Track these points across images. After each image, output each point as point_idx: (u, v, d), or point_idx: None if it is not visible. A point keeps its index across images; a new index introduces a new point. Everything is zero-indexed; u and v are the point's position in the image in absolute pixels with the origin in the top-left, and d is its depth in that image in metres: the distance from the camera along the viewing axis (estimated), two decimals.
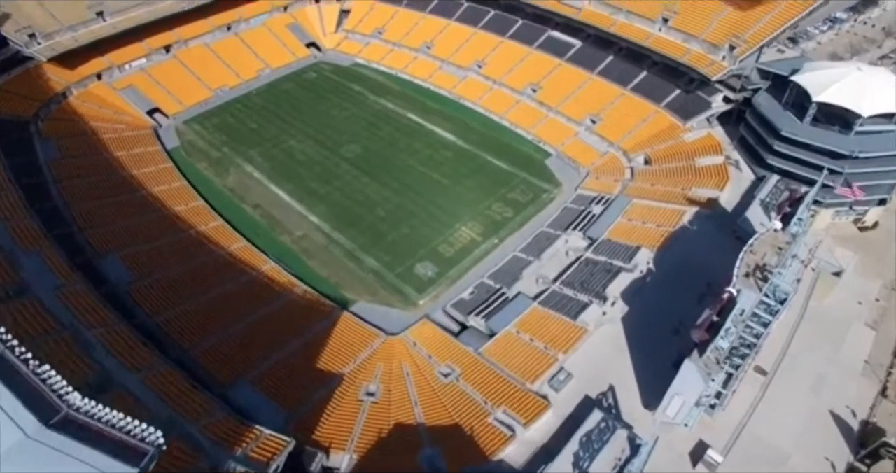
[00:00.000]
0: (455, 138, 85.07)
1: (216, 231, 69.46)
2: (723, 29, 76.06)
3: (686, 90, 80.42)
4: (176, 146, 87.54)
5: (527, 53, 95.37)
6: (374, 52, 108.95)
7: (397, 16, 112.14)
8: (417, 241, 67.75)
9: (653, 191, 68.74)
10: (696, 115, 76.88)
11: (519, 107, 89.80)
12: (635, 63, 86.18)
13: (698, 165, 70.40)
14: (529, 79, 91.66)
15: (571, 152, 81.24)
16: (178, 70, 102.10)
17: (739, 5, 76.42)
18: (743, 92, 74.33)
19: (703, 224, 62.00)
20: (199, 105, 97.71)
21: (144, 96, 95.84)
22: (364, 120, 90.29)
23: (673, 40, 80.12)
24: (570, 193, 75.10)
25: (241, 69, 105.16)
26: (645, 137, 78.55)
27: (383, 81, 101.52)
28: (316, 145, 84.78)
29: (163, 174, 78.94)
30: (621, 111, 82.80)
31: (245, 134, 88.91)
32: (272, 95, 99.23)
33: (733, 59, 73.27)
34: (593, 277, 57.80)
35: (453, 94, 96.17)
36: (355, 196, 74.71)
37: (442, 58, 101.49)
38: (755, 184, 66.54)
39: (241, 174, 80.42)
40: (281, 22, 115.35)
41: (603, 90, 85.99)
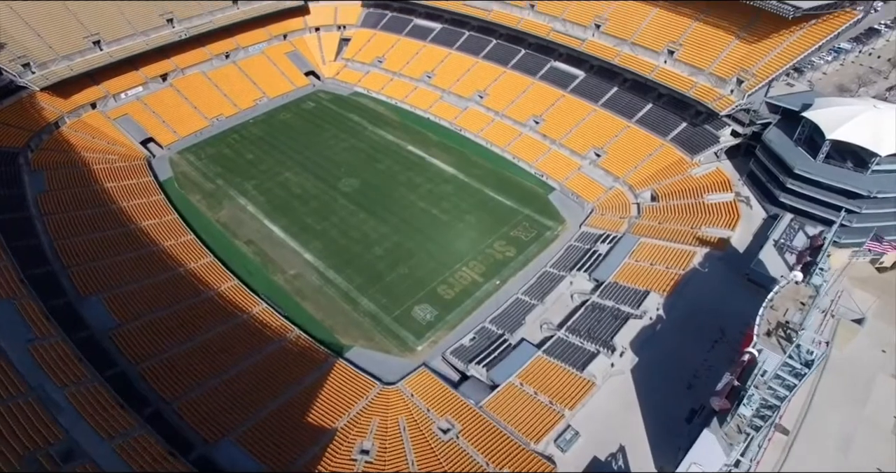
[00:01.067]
0: (456, 171, 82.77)
1: (207, 268, 66.76)
2: (730, 62, 74.16)
3: (693, 123, 78.33)
4: (169, 177, 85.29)
5: (529, 84, 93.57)
6: (374, 81, 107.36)
7: (398, 45, 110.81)
8: (416, 282, 64.96)
9: (661, 229, 66.15)
10: (704, 150, 74.63)
11: (521, 140, 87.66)
12: (640, 95, 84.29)
13: (707, 202, 67.89)
14: (532, 111, 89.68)
15: (575, 187, 78.84)
16: (175, 99, 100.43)
17: (746, 39, 74.58)
18: (751, 126, 72.23)
19: (714, 266, 59.32)
20: (195, 135, 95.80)
21: (139, 126, 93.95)
22: (363, 152, 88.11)
23: (679, 73, 78.23)
24: (574, 230, 72.55)
25: (238, 98, 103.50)
26: (651, 172, 76.21)
27: (383, 111, 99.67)
28: (313, 178, 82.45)
29: (154, 207, 76.49)
30: (626, 144, 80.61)
31: (240, 165, 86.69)
32: (269, 125, 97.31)
33: (742, 94, 71.24)
34: (600, 324, 54.89)
35: (454, 126, 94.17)
36: (352, 233, 72.12)
37: (443, 88, 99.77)
38: (768, 223, 63.98)
39: (234, 208, 77.97)
40: (280, 50, 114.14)
41: (607, 122, 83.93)
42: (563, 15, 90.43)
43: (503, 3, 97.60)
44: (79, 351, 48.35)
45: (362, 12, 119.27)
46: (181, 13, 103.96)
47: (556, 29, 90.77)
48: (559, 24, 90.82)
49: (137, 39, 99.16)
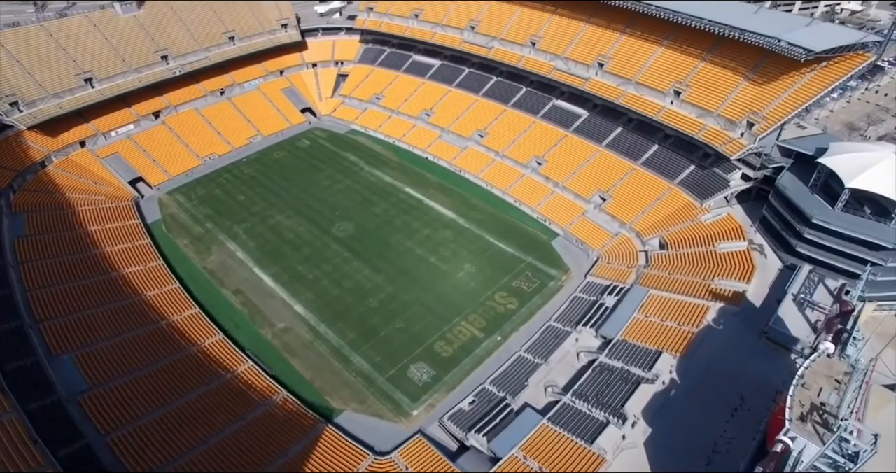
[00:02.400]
0: (455, 216, 79.47)
1: (191, 321, 62.96)
2: (739, 104, 71.39)
3: (701, 166, 75.37)
4: (157, 219, 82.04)
5: (531, 123, 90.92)
6: (372, 118, 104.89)
7: (397, 81, 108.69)
8: (412, 338, 61.09)
9: (671, 281, 62.52)
10: (714, 194, 71.44)
11: (523, 182, 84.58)
12: (646, 135, 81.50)
13: (720, 251, 64.42)
14: (534, 151, 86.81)
15: (580, 233, 75.45)
16: (167, 137, 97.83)
17: (755, 80, 71.96)
18: (763, 170, 69.25)
19: (730, 323, 55.54)
20: (186, 174, 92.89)
21: (128, 165, 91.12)
22: (358, 194, 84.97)
23: (686, 115, 75.49)
24: (579, 280, 68.96)
25: (231, 136, 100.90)
26: (659, 217, 72.94)
27: (380, 151, 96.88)
28: (306, 222, 79.12)
29: (139, 252, 73.00)
30: (632, 188, 77.48)
31: (231, 207, 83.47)
32: (263, 164, 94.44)
33: (752, 137, 68.37)
34: (610, 388, 50.90)
35: (453, 166, 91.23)
36: (345, 282, 68.46)
37: (442, 126, 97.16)
38: (785, 275, 60.35)
39: (223, 253, 74.48)
40: (276, 86, 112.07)
41: (612, 164, 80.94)
42: (564, 53, 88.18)
43: (504, 41, 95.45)
44: (40, 421, 44.15)
45: (360, 48, 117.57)
46: (176, 50, 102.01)
47: (559, 67, 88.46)
48: (561, 63, 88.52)
49: (130, 76, 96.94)
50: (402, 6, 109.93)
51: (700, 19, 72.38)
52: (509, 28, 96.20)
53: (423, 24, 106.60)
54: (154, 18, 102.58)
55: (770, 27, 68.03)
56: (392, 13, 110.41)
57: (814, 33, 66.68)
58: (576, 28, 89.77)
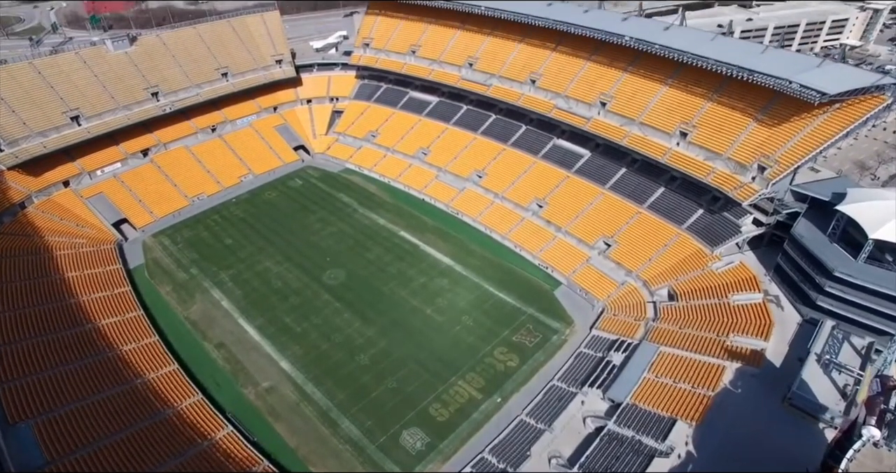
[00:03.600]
0: (452, 262, 75.66)
1: (169, 379, 58.58)
2: (749, 147, 68.20)
3: (710, 210, 71.93)
4: (140, 264, 78.24)
5: (531, 163, 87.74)
6: (367, 157, 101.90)
7: (393, 118, 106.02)
8: (405, 400, 56.69)
9: (683, 336, 58.46)
10: (725, 241, 67.88)
11: (523, 226, 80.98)
12: (651, 177, 78.20)
13: (733, 303, 60.54)
14: (534, 193, 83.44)
15: (584, 282, 71.56)
16: (155, 176, 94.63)
17: (764, 121, 68.88)
18: (776, 215, 65.83)
19: (748, 386, 51.42)
20: (173, 215, 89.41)
21: (113, 205, 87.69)
22: (351, 238, 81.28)
23: (694, 157, 72.27)
24: (583, 333, 64.91)
25: (222, 175, 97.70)
26: (667, 266, 69.20)
27: (374, 191, 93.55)
28: (295, 269, 75.25)
29: (118, 301, 68.97)
30: (638, 233, 73.88)
31: (218, 251, 79.71)
32: (253, 205, 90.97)
33: (764, 182, 65.01)
34: (620, 462, 46.51)
35: (451, 208, 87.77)
36: (335, 336, 64.30)
37: (439, 166, 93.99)
38: (805, 330, 56.37)
39: (207, 302, 70.45)
40: (269, 123, 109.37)
41: (616, 208, 77.44)
42: (565, 91, 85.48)
43: (503, 78, 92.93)
44: None
45: (356, 84, 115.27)
46: (167, 87, 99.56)
47: (559, 106, 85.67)
48: (562, 101, 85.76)
49: (119, 114, 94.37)
50: (399, 42, 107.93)
51: (706, 59, 69.70)
52: (508, 65, 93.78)
53: (420, 60, 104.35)
54: (146, 55, 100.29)
55: (780, 67, 65.31)
56: (389, 49, 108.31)
57: (826, 74, 63.82)
58: (577, 65, 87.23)
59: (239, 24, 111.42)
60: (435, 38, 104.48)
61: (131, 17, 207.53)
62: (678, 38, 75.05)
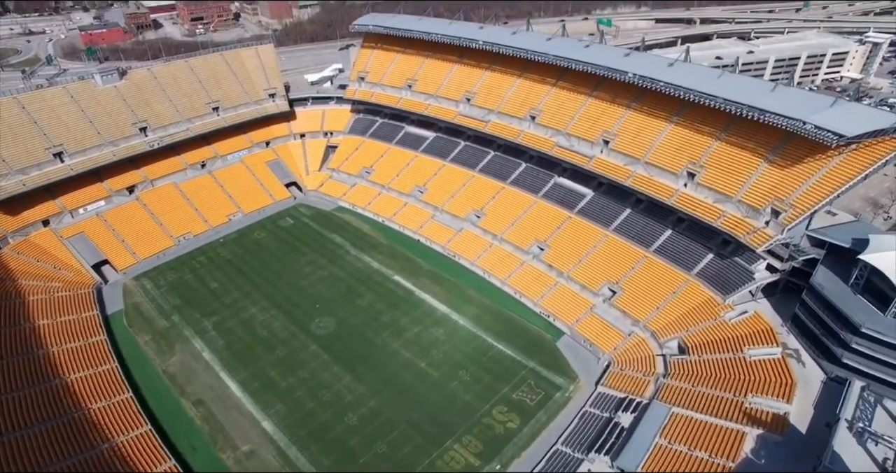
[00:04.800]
0: (448, 310, 71.53)
1: (140, 443, 53.89)
2: (761, 189, 64.66)
3: (720, 254, 68.15)
4: (118, 310, 74.22)
5: (531, 203, 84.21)
6: (361, 194, 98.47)
7: (388, 154, 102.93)
8: (397, 466, 52.02)
9: (696, 396, 54.16)
10: (737, 289, 63.91)
11: (524, 271, 77.06)
12: (657, 218, 74.57)
13: (750, 359, 56.32)
14: (535, 235, 79.74)
15: (588, 332, 67.41)
16: (140, 214, 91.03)
17: (777, 163, 65.47)
18: (792, 261, 62.03)
19: (773, 456, 46.97)
20: (157, 256, 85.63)
21: (94, 246, 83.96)
22: (342, 282, 77.26)
23: (703, 200, 68.74)
24: (589, 389, 60.58)
25: (210, 213, 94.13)
26: (677, 315, 65.19)
27: (368, 231, 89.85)
28: (282, 316, 71.10)
29: (91, 351, 64.67)
30: (645, 279, 69.97)
31: (202, 296, 75.65)
32: (241, 246, 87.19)
33: (779, 227, 61.30)
34: None
35: (447, 250, 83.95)
36: (322, 393, 59.86)
37: (435, 204, 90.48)
38: (831, 389, 51.98)
39: (187, 353, 66.18)
40: (261, 158, 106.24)
41: (621, 251, 73.66)
42: (567, 129, 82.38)
43: (501, 114, 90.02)
44: None
45: (351, 118, 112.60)
46: (156, 121, 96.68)
47: (561, 144, 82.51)
48: (563, 139, 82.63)
49: (105, 150, 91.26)
50: (395, 76, 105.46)
51: (714, 98, 66.65)
52: (507, 100, 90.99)
53: (416, 94, 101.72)
54: (135, 89, 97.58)
55: (791, 107, 62.19)
56: (384, 83, 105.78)
57: (841, 114, 60.51)
58: (578, 101, 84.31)
59: (232, 57, 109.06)
60: (432, 71, 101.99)
61: (128, 48, 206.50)
62: (683, 75, 72.02)
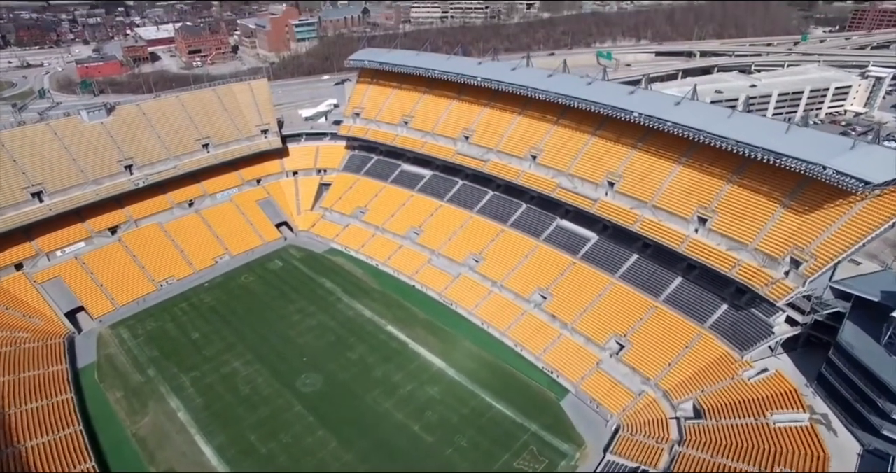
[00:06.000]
0: (444, 365, 66.69)
1: None
2: (778, 237, 60.41)
3: (735, 305, 63.71)
4: (91, 363, 69.42)
5: (532, 247, 79.96)
6: (354, 236, 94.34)
7: (383, 193, 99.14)
8: None
9: (716, 468, 49.21)
10: (755, 344, 59.29)
11: (525, 321, 72.38)
12: (666, 265, 70.26)
13: (774, 425, 51.33)
14: (536, 282, 75.31)
15: (595, 391, 62.46)
16: (121, 257, 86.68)
17: (794, 208, 61.35)
18: (814, 314, 57.57)
19: None
20: (137, 302, 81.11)
21: (69, 292, 79.46)
22: (332, 332, 72.54)
23: (715, 247, 64.46)
24: (597, 457, 55.45)
25: (196, 255, 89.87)
26: (690, 372, 60.46)
27: (361, 276, 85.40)
28: (267, 371, 66.18)
29: (55, 413, 59.40)
30: (655, 332, 65.36)
31: (182, 348, 70.89)
32: (226, 291, 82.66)
33: (800, 278, 56.92)
34: None
35: (444, 298, 79.39)
36: (306, 461, 54.64)
37: (432, 248, 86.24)
38: (870, 463, 47.01)
39: (161, 413, 61.11)
40: (251, 197, 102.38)
41: (629, 301, 69.17)
42: (569, 169, 78.59)
43: (501, 153, 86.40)
44: None
45: (346, 155, 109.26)
46: (143, 159, 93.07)
47: (563, 185, 78.61)
48: (566, 180, 78.77)
49: (88, 189, 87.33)
50: (390, 112, 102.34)
51: (726, 139, 63.00)
52: (507, 138, 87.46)
53: (412, 131, 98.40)
54: (123, 125, 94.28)
55: (808, 149, 58.55)
56: (380, 119, 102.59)
57: (863, 158, 56.67)
58: (580, 140, 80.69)
59: (224, 92, 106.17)
60: (429, 108, 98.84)
61: (124, 81, 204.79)
62: (691, 115, 68.47)
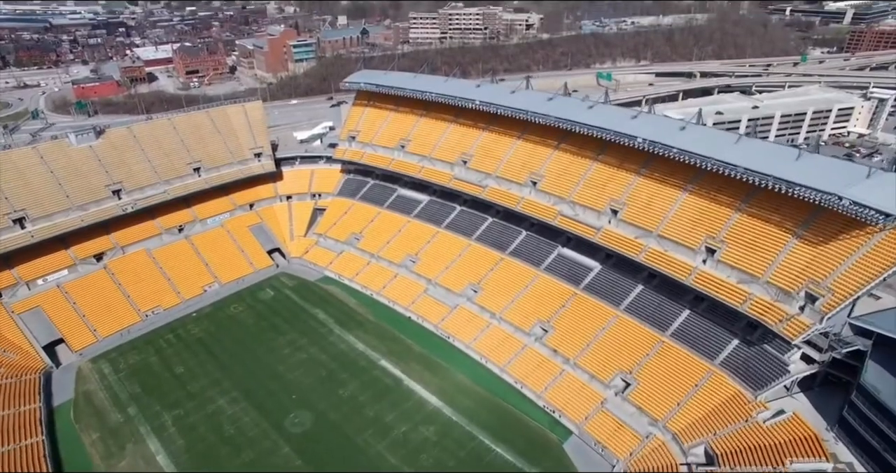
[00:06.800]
0: (441, 403, 63.22)
1: None
2: (792, 270, 57.33)
3: (747, 340, 60.51)
4: (67, 400, 65.91)
5: (533, 276, 76.87)
6: (348, 264, 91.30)
7: (379, 218, 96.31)
8: None
9: None
10: (770, 384, 55.94)
11: (525, 356, 69.04)
12: (673, 297, 67.19)
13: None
14: (537, 314, 72.13)
15: (600, 432, 58.94)
16: (106, 285, 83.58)
17: (807, 239, 58.36)
18: (832, 351, 54.33)
19: None
20: (120, 334, 78.00)
21: (49, 323, 76.30)
22: (323, 367, 69.18)
23: (725, 279, 61.40)
24: None
25: (184, 284, 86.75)
26: (701, 413, 57.02)
27: (354, 307, 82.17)
28: (253, 410, 62.71)
29: (22, 458, 55.67)
30: (662, 368, 62.03)
31: (165, 383, 67.56)
32: (214, 322, 79.45)
33: (817, 315, 53.72)
34: None
35: (440, 330, 76.10)
36: None
37: (428, 277, 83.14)
38: None
39: (139, 457, 57.57)
40: (243, 222, 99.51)
41: (634, 335, 65.94)
42: (571, 196, 75.82)
43: (500, 179, 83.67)
44: None
45: (341, 178, 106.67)
46: (132, 183, 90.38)
47: (564, 213, 75.74)
48: (567, 208, 75.95)
49: (72, 214, 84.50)
50: (387, 135, 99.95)
51: (734, 167, 60.32)
52: (506, 163, 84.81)
53: (409, 156, 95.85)
54: (112, 149, 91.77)
55: (821, 177, 55.76)
56: (376, 143, 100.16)
57: (880, 188, 53.60)
58: (582, 166, 78.03)
59: (218, 115, 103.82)
60: (426, 131, 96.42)
61: (120, 102, 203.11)
62: (697, 140, 65.94)
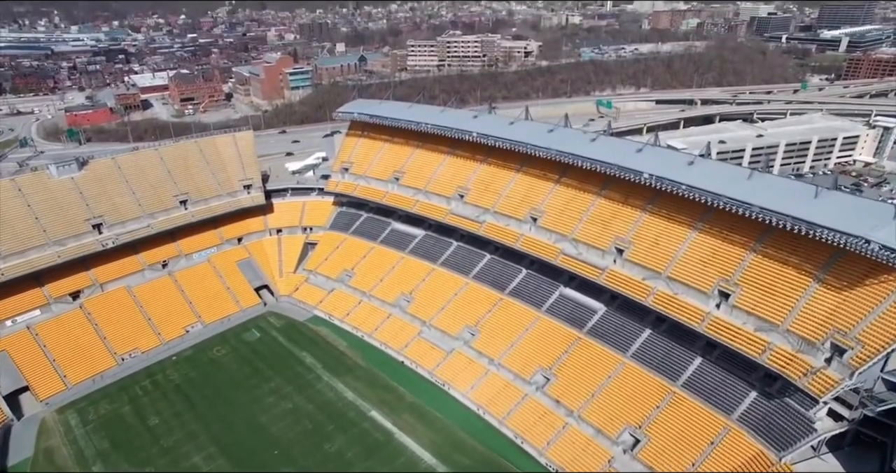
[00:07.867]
0: (435, 461, 58.21)
1: None
2: (815, 317, 52.86)
3: (766, 393, 55.75)
4: (24, 460, 60.74)
5: (533, 319, 72.38)
6: (339, 302, 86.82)
7: (372, 254, 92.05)
8: None
9: None
10: (795, 443, 50.94)
11: (526, 407, 64.18)
12: (684, 343, 62.56)
13: None
14: (538, 360, 67.51)
15: None
16: (80, 326, 78.99)
17: (830, 283, 53.97)
18: (863, 408, 49.54)
19: None
20: (93, 380, 73.31)
21: (14, 369, 71.82)
22: (309, 419, 64.22)
23: (741, 326, 56.91)
24: None
25: (165, 324, 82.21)
26: None
27: (344, 350, 77.45)
28: (231, 468, 57.56)
29: None
30: (674, 423, 57.21)
31: (137, 437, 62.59)
32: (195, 366, 74.75)
33: (845, 369, 49.09)
34: None
35: (435, 377, 71.28)
36: None
37: (423, 318, 78.60)
38: None
39: None
40: (231, 257, 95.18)
41: (642, 385, 61.24)
42: (573, 233, 71.72)
43: (498, 214, 79.68)
44: None
45: (333, 211, 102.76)
46: (114, 217, 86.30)
47: (567, 251, 71.55)
48: (569, 246, 71.78)
49: (48, 250, 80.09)
50: (381, 167, 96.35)
51: (749, 206, 56.46)
52: (505, 197, 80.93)
53: (404, 189, 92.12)
54: (95, 180, 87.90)
55: (844, 219, 51.74)
56: (369, 175, 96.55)
57: None
58: (585, 201, 74.10)
59: (207, 145, 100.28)
60: (421, 163, 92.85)
61: (112, 129, 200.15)
62: (707, 176, 62.22)
